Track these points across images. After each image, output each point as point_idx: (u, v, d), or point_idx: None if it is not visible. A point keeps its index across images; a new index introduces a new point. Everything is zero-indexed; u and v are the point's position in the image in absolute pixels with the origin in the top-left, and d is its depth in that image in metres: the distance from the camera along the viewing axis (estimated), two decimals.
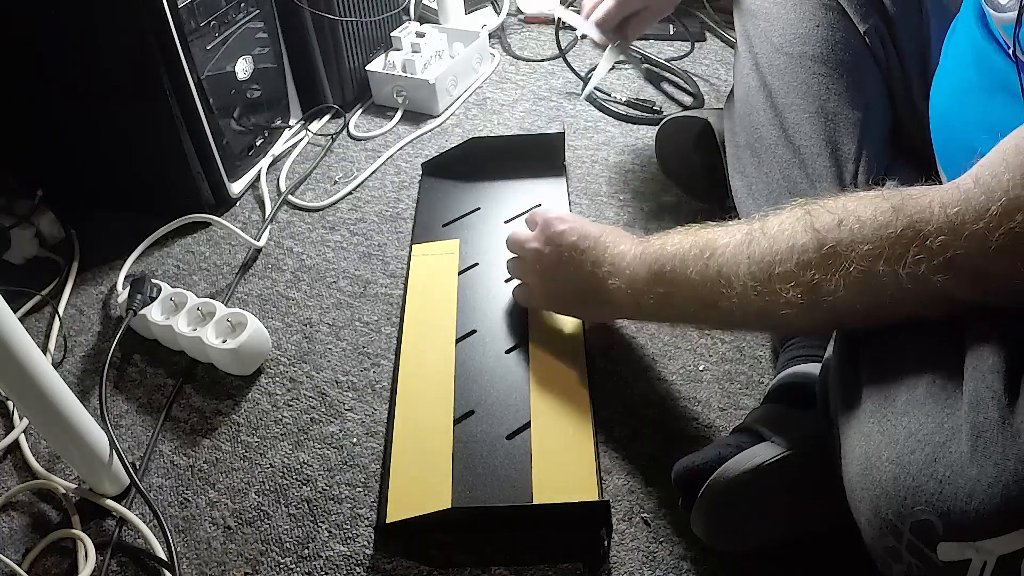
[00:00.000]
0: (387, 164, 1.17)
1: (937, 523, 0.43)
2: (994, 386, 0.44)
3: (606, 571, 0.68)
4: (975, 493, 0.42)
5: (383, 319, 0.92)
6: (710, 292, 0.59)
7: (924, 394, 0.47)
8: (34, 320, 0.97)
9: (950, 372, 0.47)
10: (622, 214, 1.03)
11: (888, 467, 0.46)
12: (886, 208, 0.49)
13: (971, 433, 0.43)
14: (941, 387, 0.46)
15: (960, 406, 0.45)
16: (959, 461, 0.43)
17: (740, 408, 0.79)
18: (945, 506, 0.43)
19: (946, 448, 0.44)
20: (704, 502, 0.62)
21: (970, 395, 0.45)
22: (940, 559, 0.43)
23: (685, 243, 0.62)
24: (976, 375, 0.45)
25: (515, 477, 0.72)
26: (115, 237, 1.05)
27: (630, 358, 0.85)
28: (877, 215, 0.49)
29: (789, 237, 0.53)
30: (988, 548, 0.42)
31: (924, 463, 0.44)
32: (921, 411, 0.46)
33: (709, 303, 0.59)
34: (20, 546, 0.73)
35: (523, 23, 1.50)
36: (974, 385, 0.45)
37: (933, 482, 0.43)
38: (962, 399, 0.45)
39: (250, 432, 0.81)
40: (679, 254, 0.62)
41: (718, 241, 0.59)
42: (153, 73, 0.94)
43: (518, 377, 0.81)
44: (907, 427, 0.46)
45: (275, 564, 0.70)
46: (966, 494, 0.42)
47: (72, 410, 0.69)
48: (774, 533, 0.66)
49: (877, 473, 0.46)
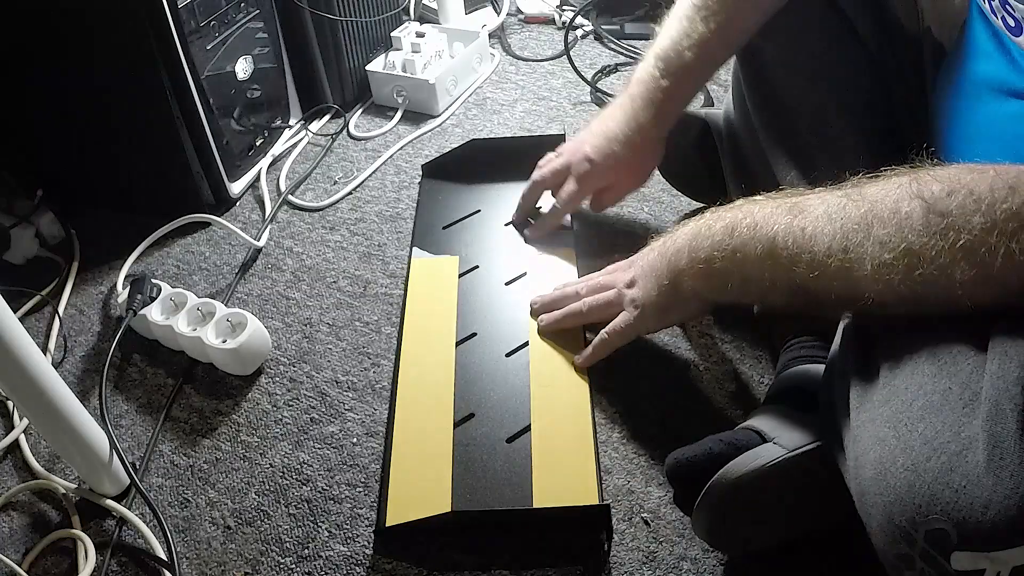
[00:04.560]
0: (387, 164, 1.17)
1: (952, 532, 0.43)
2: (1016, 398, 0.43)
3: (606, 572, 0.68)
4: (991, 503, 0.42)
5: (383, 319, 0.92)
6: (790, 251, 0.56)
7: (941, 401, 0.47)
8: (34, 320, 0.97)
9: (968, 380, 0.46)
10: (622, 214, 1.03)
11: (903, 474, 0.45)
12: (1001, 185, 0.47)
13: (988, 443, 0.43)
14: (958, 395, 0.46)
15: (978, 415, 0.44)
16: (975, 471, 0.43)
17: (740, 408, 0.79)
18: (960, 515, 0.42)
19: (963, 457, 0.44)
20: (706, 503, 0.62)
21: (990, 405, 0.44)
22: (954, 568, 0.43)
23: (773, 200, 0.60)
24: (999, 385, 0.44)
25: (515, 480, 0.72)
26: (115, 237, 1.05)
27: (630, 358, 0.85)
28: (993, 191, 0.47)
29: (893, 203, 0.51)
30: (1003, 559, 0.42)
31: (940, 471, 0.44)
32: (938, 418, 0.46)
33: (787, 262, 0.57)
34: (20, 546, 0.73)
35: (523, 23, 1.50)
36: (996, 395, 0.44)
37: (949, 491, 0.43)
38: (980, 408, 0.45)
39: (250, 432, 0.81)
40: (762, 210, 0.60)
41: (807, 203, 0.57)
42: (153, 73, 0.94)
43: (518, 380, 0.81)
44: (923, 434, 0.46)
45: (275, 564, 0.70)
46: (982, 504, 0.42)
47: (72, 410, 0.69)
48: (776, 534, 0.66)
49: (891, 479, 0.46)
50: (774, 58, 0.77)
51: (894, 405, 0.49)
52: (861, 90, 0.74)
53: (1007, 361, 0.45)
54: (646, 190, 1.07)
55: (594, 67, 1.33)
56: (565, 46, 1.31)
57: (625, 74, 1.33)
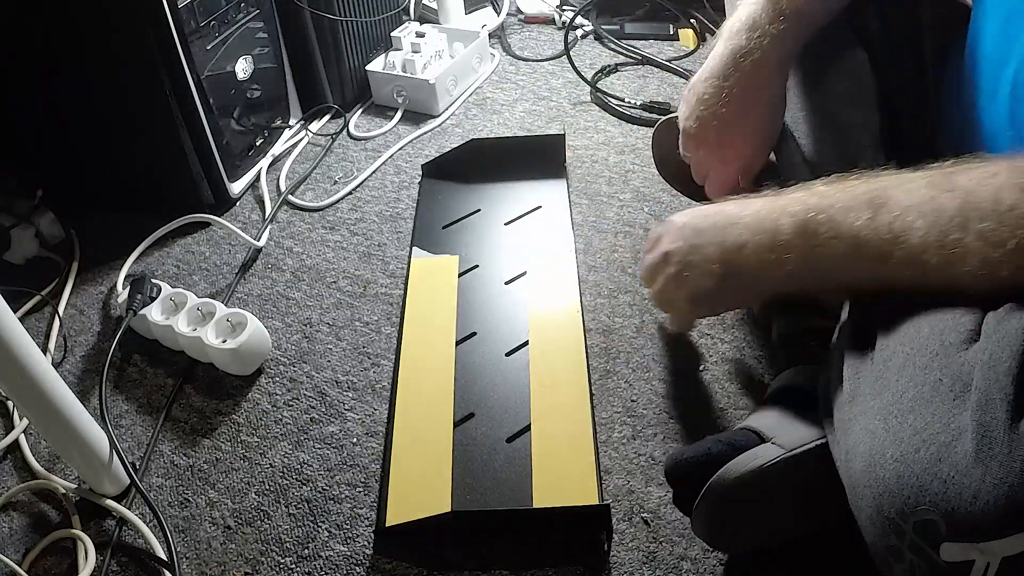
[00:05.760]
0: (387, 164, 1.17)
1: (941, 523, 0.43)
2: (1007, 388, 0.43)
3: (606, 572, 0.68)
4: (980, 494, 0.41)
5: (383, 319, 0.92)
6: (878, 248, 0.53)
7: (931, 392, 0.46)
8: (34, 320, 0.97)
9: (959, 371, 0.46)
10: (622, 214, 1.03)
11: (892, 465, 0.45)
12: None
13: (977, 432, 0.43)
14: (949, 387, 0.46)
15: (967, 406, 0.44)
16: (964, 461, 0.42)
17: (740, 408, 0.79)
18: (949, 506, 0.42)
19: (951, 448, 0.43)
20: (705, 503, 0.62)
21: (980, 394, 0.44)
22: (943, 559, 0.43)
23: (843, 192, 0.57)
24: (989, 375, 0.44)
25: (515, 480, 0.72)
26: (115, 237, 1.05)
27: (630, 358, 0.85)
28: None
29: (991, 194, 0.49)
30: (992, 550, 0.41)
31: (929, 462, 0.44)
32: (927, 410, 0.46)
33: (875, 259, 0.54)
34: (20, 546, 0.73)
35: (523, 23, 1.50)
36: (986, 385, 0.44)
37: (937, 482, 0.43)
38: (970, 399, 0.45)
39: (250, 432, 0.81)
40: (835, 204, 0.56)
41: (887, 195, 0.53)
42: (153, 73, 0.95)
43: (518, 380, 0.81)
44: (912, 425, 0.46)
45: (275, 564, 0.70)
46: (971, 494, 0.42)
47: (72, 410, 0.69)
48: (775, 534, 0.66)
49: (881, 471, 0.46)
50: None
51: (885, 397, 0.49)
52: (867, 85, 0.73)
53: (999, 351, 0.45)
54: (646, 190, 1.07)
55: (594, 67, 1.33)
56: (565, 46, 1.31)
57: (625, 74, 1.33)
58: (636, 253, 0.97)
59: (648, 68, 1.34)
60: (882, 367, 0.51)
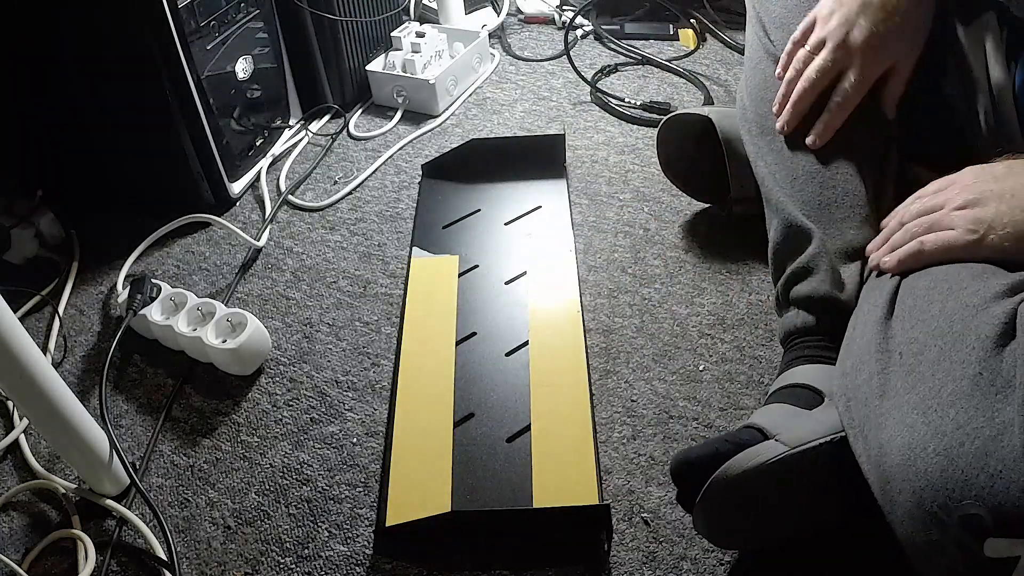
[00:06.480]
0: (387, 164, 1.17)
1: (987, 517, 0.42)
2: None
3: (606, 572, 0.68)
4: None
5: (383, 319, 0.92)
6: None
7: (971, 387, 0.46)
8: (34, 320, 0.97)
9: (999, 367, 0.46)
10: (622, 214, 1.03)
11: (935, 459, 0.45)
12: None
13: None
14: (990, 381, 0.46)
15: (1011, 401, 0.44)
16: (1012, 455, 0.42)
17: (740, 408, 0.79)
18: (996, 500, 0.42)
19: (998, 442, 0.43)
20: (706, 500, 0.62)
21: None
22: (987, 554, 0.43)
23: None
24: None
25: (515, 480, 0.72)
26: (115, 237, 1.05)
27: (630, 358, 0.85)
28: None
29: None
30: None
31: (975, 456, 0.43)
32: (969, 403, 0.45)
33: None
34: (20, 546, 0.73)
35: (523, 23, 1.50)
36: None
37: (984, 476, 0.43)
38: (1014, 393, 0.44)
39: (250, 432, 0.81)
40: None
41: None
42: (153, 73, 0.94)
43: (518, 379, 0.81)
44: (955, 419, 0.45)
45: (275, 564, 0.70)
46: (1019, 489, 0.41)
47: (72, 410, 0.69)
48: (776, 532, 0.66)
49: (922, 464, 0.46)
50: None
51: (921, 391, 0.48)
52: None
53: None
54: (646, 190, 1.07)
55: (594, 67, 1.33)
56: (565, 46, 1.31)
57: (625, 74, 1.33)
58: (636, 253, 0.97)
59: (648, 68, 1.34)
60: (913, 361, 0.50)
